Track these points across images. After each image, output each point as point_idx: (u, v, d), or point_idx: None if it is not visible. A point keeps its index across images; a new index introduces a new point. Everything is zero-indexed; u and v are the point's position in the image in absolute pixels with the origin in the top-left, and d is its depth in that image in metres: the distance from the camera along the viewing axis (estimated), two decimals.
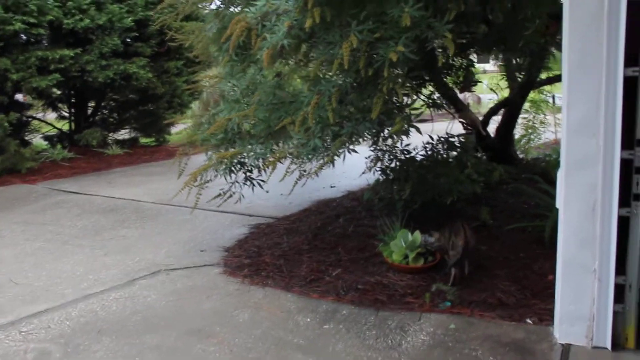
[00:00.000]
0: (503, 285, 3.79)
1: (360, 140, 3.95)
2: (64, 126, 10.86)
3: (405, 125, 3.96)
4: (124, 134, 11.52)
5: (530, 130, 8.08)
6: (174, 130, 12.07)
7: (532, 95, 7.77)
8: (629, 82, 2.69)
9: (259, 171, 4.65)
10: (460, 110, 6.04)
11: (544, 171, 6.18)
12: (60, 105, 10.74)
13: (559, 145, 7.17)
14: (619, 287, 2.85)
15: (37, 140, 10.55)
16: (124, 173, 8.90)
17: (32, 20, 8.25)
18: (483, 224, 5.00)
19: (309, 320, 3.47)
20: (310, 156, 3.92)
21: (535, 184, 5.24)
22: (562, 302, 2.95)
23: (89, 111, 10.97)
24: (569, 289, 2.91)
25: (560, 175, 2.90)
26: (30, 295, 4.03)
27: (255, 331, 3.35)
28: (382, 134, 4.31)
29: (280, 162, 4.12)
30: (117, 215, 6.21)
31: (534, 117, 8.05)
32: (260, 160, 4.24)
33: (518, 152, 7.73)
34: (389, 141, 4.58)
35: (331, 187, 7.07)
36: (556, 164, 5.29)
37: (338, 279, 4.07)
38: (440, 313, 3.48)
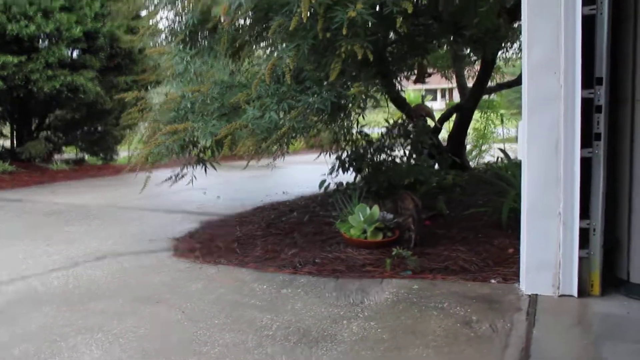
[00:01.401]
0: (465, 256, 3.71)
1: (317, 111, 3.85)
2: (5, 142, 10.45)
3: (363, 96, 3.92)
4: (69, 152, 11.14)
5: (481, 141, 8.18)
6: (122, 155, 11.72)
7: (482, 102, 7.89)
8: (587, 20, 2.70)
9: (212, 153, 4.53)
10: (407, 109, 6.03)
11: (499, 171, 6.24)
12: (1, 121, 10.35)
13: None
14: (583, 232, 2.80)
15: None
16: (68, 185, 8.54)
17: None
18: (440, 213, 4.95)
19: (265, 287, 3.30)
20: (267, 128, 3.80)
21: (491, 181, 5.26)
22: (528, 250, 2.88)
23: (33, 126, 10.56)
24: (535, 235, 2.85)
25: (522, 122, 2.87)
26: None
27: (208, 297, 3.16)
28: (339, 113, 4.25)
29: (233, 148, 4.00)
30: (61, 217, 5.90)
31: (485, 123, 8.14)
32: (213, 138, 4.10)
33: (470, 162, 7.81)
34: (346, 123, 4.52)
35: (283, 193, 6.93)
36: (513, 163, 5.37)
37: (294, 256, 3.91)
38: (401, 279, 3.37)
